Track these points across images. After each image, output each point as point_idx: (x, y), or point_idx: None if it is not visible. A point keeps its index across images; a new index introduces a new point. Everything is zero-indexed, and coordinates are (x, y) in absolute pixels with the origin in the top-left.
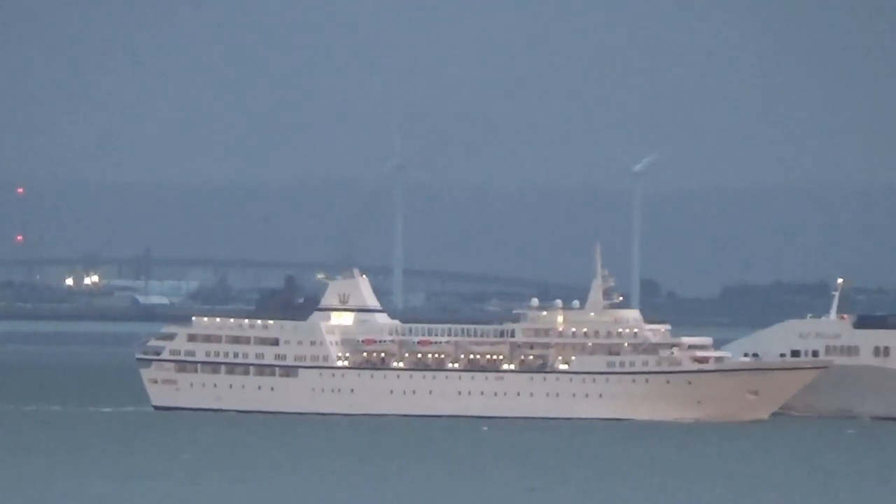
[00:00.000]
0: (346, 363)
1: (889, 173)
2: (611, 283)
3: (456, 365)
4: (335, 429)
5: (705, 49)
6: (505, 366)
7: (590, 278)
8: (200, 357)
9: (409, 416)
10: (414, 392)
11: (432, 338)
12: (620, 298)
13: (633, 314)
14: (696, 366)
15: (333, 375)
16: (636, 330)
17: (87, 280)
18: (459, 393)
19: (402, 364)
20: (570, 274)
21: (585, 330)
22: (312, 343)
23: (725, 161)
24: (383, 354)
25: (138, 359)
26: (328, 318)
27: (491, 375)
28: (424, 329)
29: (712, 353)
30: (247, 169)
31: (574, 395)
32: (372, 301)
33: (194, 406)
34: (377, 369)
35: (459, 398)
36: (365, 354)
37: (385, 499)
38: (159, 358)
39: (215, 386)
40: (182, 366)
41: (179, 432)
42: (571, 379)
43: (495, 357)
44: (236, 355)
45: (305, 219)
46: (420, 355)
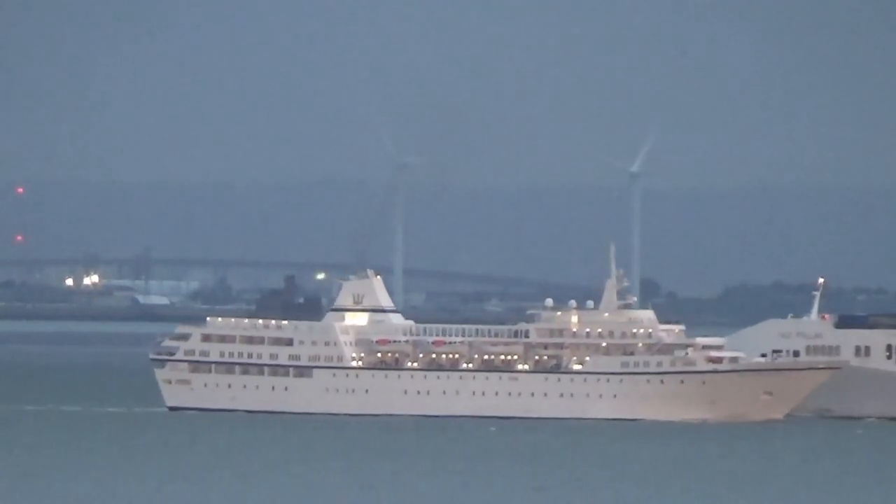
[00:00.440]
0: (361, 363)
1: (889, 173)
2: (625, 284)
3: (470, 365)
4: (349, 429)
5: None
6: (519, 366)
7: (591, 278)
8: (215, 357)
9: (423, 417)
10: (428, 392)
11: (446, 338)
12: (634, 299)
13: (648, 314)
14: (711, 366)
15: (348, 376)
16: (650, 330)
17: (87, 280)
18: (473, 393)
19: (417, 364)
20: (570, 274)
21: (600, 330)
22: (327, 343)
23: (725, 161)
24: (397, 355)
25: (152, 359)
26: (342, 319)
27: (505, 376)
28: (439, 329)
29: (726, 354)
30: (247, 169)
31: (588, 396)
32: (386, 301)
33: (208, 406)
34: (391, 369)
35: (473, 398)
36: (379, 355)
37: (398, 499)
38: (173, 358)
39: (229, 386)
40: (196, 366)
41: (194, 432)
42: (586, 379)
43: (509, 357)
44: (250, 355)
45: (305, 219)
46: (434, 356)
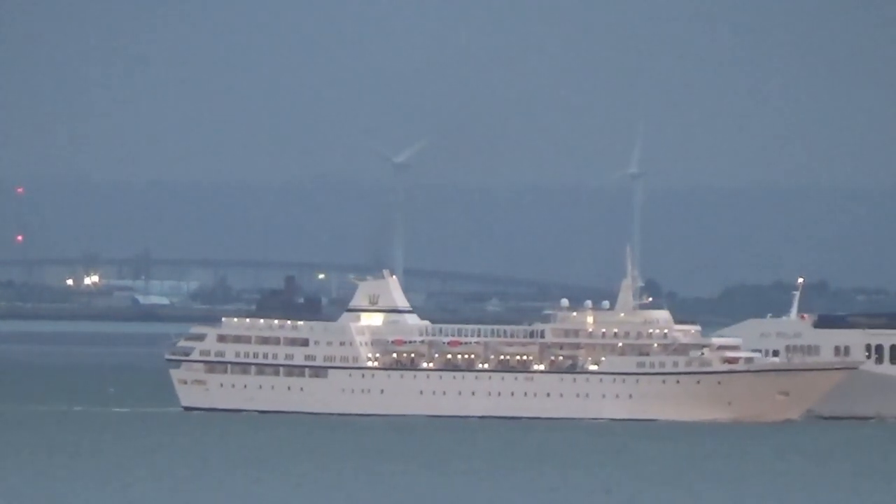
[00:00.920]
0: (376, 364)
1: (889, 173)
2: (640, 284)
3: (486, 365)
4: (364, 429)
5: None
6: (535, 366)
7: (591, 278)
8: (230, 357)
9: (439, 417)
10: (444, 393)
11: (462, 338)
12: (650, 299)
13: (664, 315)
14: (727, 366)
15: (363, 376)
16: (666, 330)
17: (87, 280)
18: (489, 394)
19: (432, 365)
20: (570, 274)
21: (615, 330)
22: (342, 344)
23: (725, 161)
24: (413, 355)
25: (168, 359)
26: (358, 319)
27: (521, 376)
28: (454, 330)
29: (742, 354)
30: (247, 169)
31: (604, 396)
32: (402, 302)
33: (224, 406)
34: (407, 370)
35: (489, 399)
36: (395, 355)
37: (412, 499)
38: (189, 358)
39: (245, 386)
40: (212, 366)
41: (209, 433)
42: (601, 379)
43: (525, 358)
44: (266, 356)
45: (305, 219)
46: (450, 356)
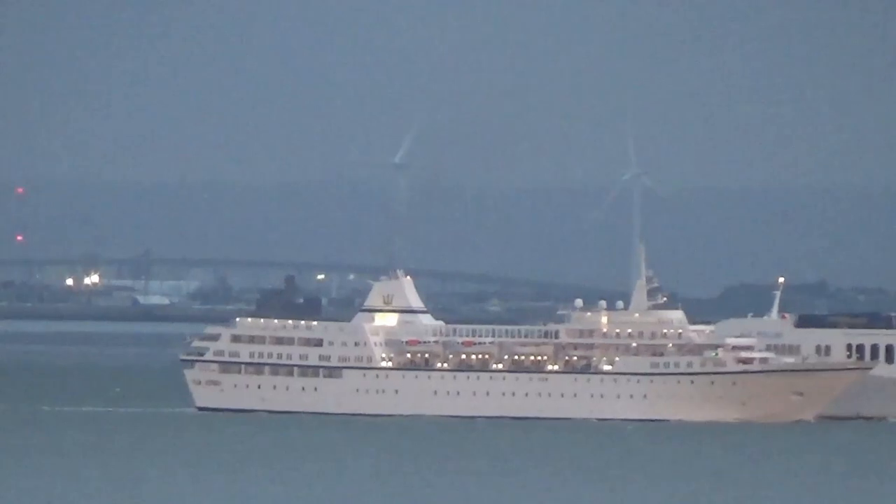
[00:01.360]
0: (390, 364)
1: (889, 173)
2: (655, 284)
3: (500, 366)
4: (379, 429)
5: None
6: (549, 367)
7: (591, 278)
8: (244, 358)
9: (453, 417)
10: (458, 393)
11: (476, 339)
12: (664, 299)
13: (678, 315)
14: (741, 367)
15: (377, 376)
16: (680, 331)
17: (87, 280)
18: (503, 394)
19: (446, 365)
20: (570, 274)
21: (630, 331)
22: (356, 344)
23: (725, 161)
24: (427, 355)
25: (182, 360)
26: (372, 319)
27: (535, 376)
28: (468, 330)
29: (757, 354)
30: (247, 169)
31: (618, 397)
32: (416, 302)
33: (238, 407)
34: (421, 370)
35: (503, 399)
36: (409, 355)
37: (426, 499)
38: (203, 359)
39: (259, 387)
40: (226, 367)
41: (223, 433)
42: (616, 380)
43: (539, 358)
44: (280, 356)
45: (305, 219)
46: (464, 356)
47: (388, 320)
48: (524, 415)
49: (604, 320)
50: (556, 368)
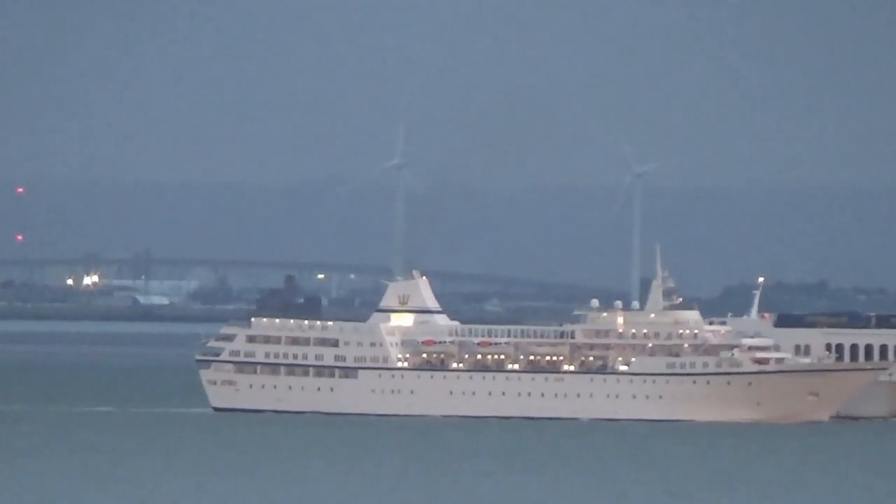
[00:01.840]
0: (406, 364)
1: (889, 173)
2: (671, 285)
3: (516, 366)
4: (394, 430)
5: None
6: (565, 367)
7: (591, 278)
8: (260, 358)
9: (469, 418)
10: (474, 393)
11: (492, 339)
12: (680, 300)
13: (694, 315)
14: (757, 367)
15: (393, 376)
16: (696, 331)
17: (87, 280)
18: (519, 394)
19: (462, 365)
20: (570, 274)
21: (645, 331)
22: (372, 344)
23: (725, 161)
24: (443, 356)
25: (197, 360)
26: (388, 320)
27: (551, 377)
28: (484, 330)
29: (772, 355)
30: (247, 169)
31: (634, 397)
32: (432, 302)
33: (254, 407)
34: (437, 370)
35: (519, 399)
36: (425, 355)
37: (442, 499)
38: (219, 359)
39: (275, 387)
40: (241, 367)
41: (239, 433)
42: (631, 380)
43: (555, 358)
44: (296, 356)
45: (305, 219)
46: (480, 356)
47: (404, 320)
48: (540, 415)
49: (620, 321)
50: (572, 369)
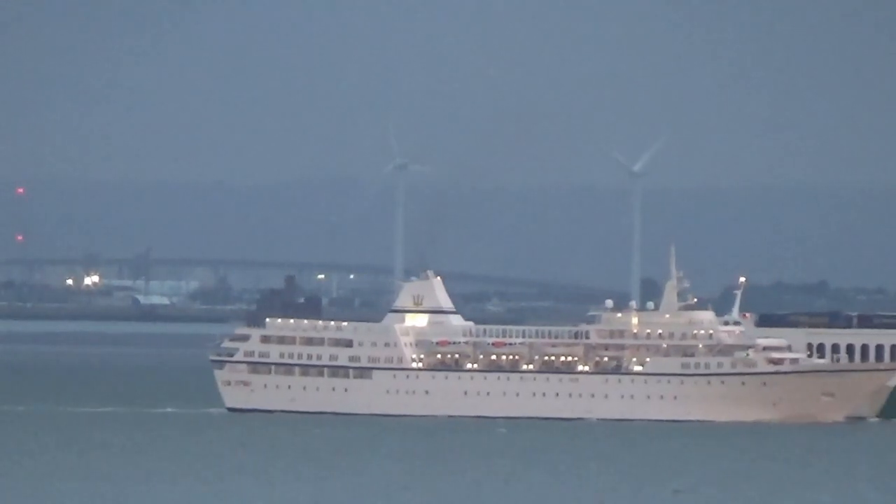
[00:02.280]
0: (421, 365)
1: (889, 173)
2: (685, 285)
3: (530, 366)
4: (408, 430)
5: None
6: (579, 367)
7: (592, 278)
8: (274, 359)
9: (483, 418)
10: (488, 394)
11: (506, 339)
12: (695, 300)
13: (708, 315)
14: (772, 367)
15: (407, 377)
16: (711, 331)
17: (87, 280)
18: (533, 394)
19: (476, 366)
20: (570, 274)
21: (660, 331)
22: (387, 344)
23: (725, 161)
24: (457, 356)
25: (212, 360)
26: (402, 320)
27: (565, 377)
28: (499, 331)
29: (787, 355)
30: (247, 169)
31: (649, 397)
32: (446, 303)
33: (268, 408)
34: (451, 371)
35: (533, 400)
36: (439, 356)
37: (455, 500)
38: (233, 360)
39: (289, 387)
40: (256, 367)
41: (253, 434)
42: (646, 381)
43: (570, 359)
44: (310, 357)
45: (305, 219)
46: (494, 357)
47: (419, 321)
48: (554, 415)
49: (634, 321)
50: (587, 369)
